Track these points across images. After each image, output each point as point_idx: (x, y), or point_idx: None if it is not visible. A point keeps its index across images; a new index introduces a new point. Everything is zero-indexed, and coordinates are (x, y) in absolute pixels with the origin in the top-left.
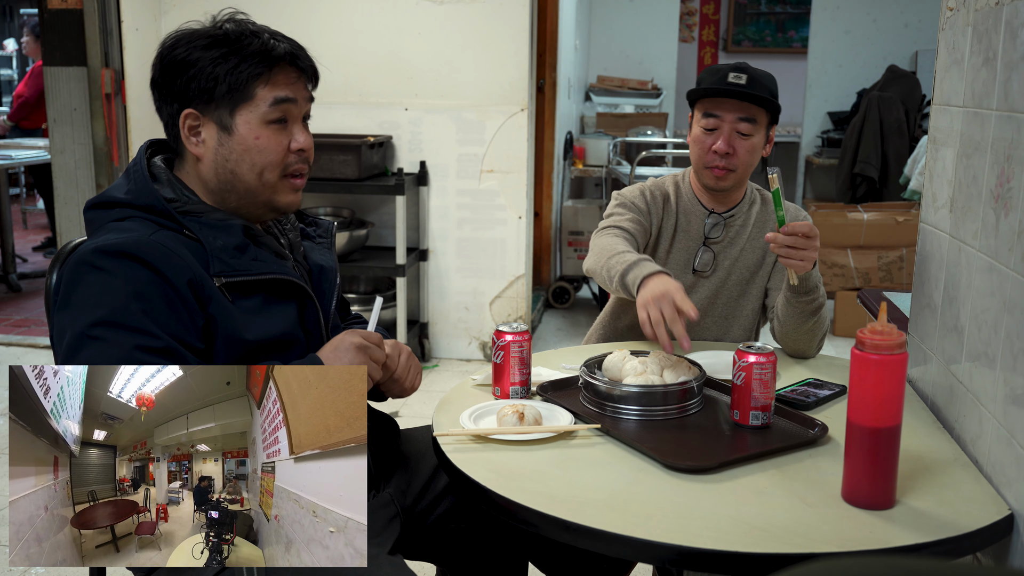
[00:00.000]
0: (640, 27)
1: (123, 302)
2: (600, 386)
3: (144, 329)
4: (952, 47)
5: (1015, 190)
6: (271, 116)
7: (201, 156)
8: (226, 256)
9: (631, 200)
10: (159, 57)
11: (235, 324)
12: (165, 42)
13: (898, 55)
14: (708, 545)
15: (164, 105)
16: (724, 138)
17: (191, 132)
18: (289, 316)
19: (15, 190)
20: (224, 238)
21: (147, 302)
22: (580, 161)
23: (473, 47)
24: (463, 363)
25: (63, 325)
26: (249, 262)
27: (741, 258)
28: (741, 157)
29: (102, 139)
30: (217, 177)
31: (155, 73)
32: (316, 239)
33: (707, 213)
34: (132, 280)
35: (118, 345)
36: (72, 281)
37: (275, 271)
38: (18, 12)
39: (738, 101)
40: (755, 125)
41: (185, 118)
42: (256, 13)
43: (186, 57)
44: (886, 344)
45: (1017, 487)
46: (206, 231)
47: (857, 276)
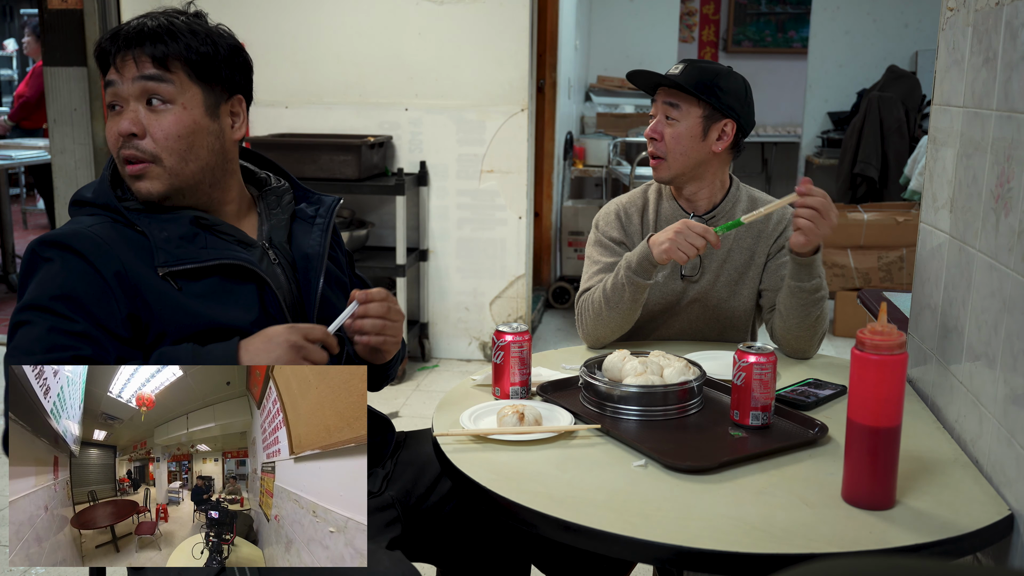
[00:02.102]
0: (640, 27)
1: (50, 288)
2: (600, 386)
3: (60, 312)
4: (952, 47)
5: (1015, 190)
6: (108, 103)
7: None
8: (170, 247)
9: (607, 235)
10: None
11: (179, 310)
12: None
13: (898, 55)
14: (708, 545)
15: None
16: (653, 124)
17: None
18: (247, 298)
19: (15, 190)
20: (169, 229)
21: (71, 289)
22: (580, 161)
23: (473, 47)
24: (463, 363)
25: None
26: (197, 250)
27: (729, 260)
28: (668, 144)
29: (102, 139)
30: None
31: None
32: (315, 219)
33: (689, 216)
34: (63, 268)
35: (37, 326)
36: (24, 270)
37: (224, 257)
38: (18, 12)
39: (666, 89)
40: (679, 111)
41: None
42: (257, 13)
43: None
44: (886, 344)
45: (1017, 487)
46: (153, 225)
47: (857, 276)
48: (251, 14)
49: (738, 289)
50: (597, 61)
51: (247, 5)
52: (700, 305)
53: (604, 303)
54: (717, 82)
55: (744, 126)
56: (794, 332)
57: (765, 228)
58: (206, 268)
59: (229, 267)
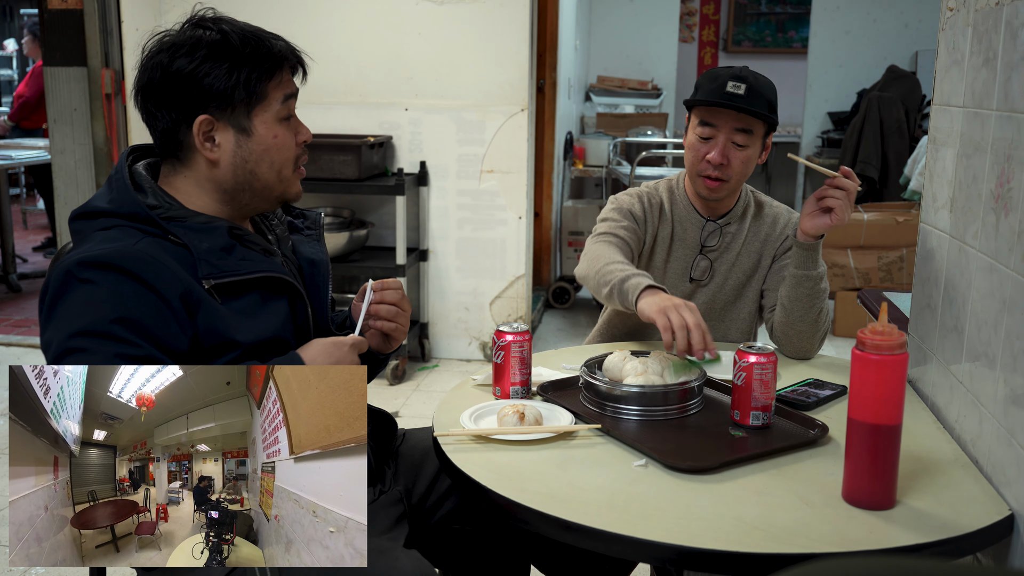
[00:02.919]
0: (640, 27)
1: (104, 313)
2: (600, 386)
3: (122, 338)
4: (952, 47)
5: (1015, 190)
6: (283, 113)
7: (217, 160)
8: (213, 258)
9: (628, 207)
10: (158, 66)
11: (226, 327)
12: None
13: (898, 55)
14: (708, 545)
15: (164, 112)
16: (719, 149)
17: (206, 138)
18: (281, 313)
19: (15, 190)
20: (209, 240)
21: (130, 312)
22: (580, 161)
23: (473, 47)
24: (463, 363)
25: (47, 338)
26: (237, 262)
27: (737, 264)
28: (735, 168)
29: (102, 139)
30: (235, 179)
31: (152, 80)
32: (304, 231)
33: (704, 221)
34: (116, 292)
35: (99, 353)
36: (57, 292)
37: (264, 269)
38: (18, 12)
39: (735, 112)
40: (751, 136)
41: (200, 125)
42: (257, 13)
43: (193, 69)
44: (887, 344)
45: (1017, 487)
46: (191, 235)
47: (857, 276)
48: (251, 15)
49: (744, 292)
50: (597, 61)
51: (247, 6)
52: (706, 308)
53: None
54: (774, 99)
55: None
56: (797, 327)
57: (772, 232)
58: (247, 282)
59: (266, 280)
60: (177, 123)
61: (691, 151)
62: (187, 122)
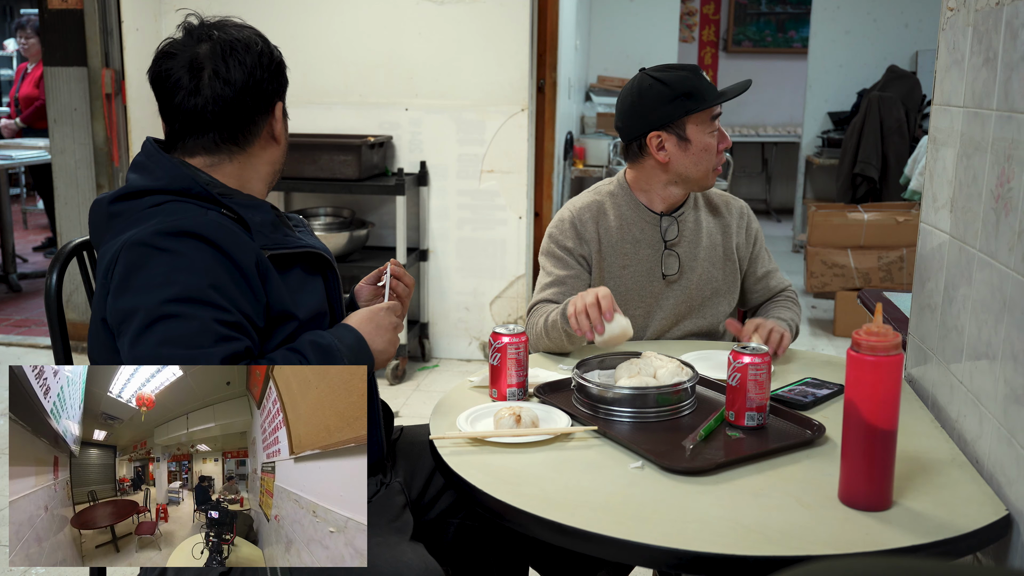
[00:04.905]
0: (640, 27)
1: (195, 279)
2: (593, 388)
3: (217, 304)
4: (952, 47)
5: (1015, 190)
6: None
7: (279, 136)
8: (267, 230)
9: (561, 244)
10: (264, 54)
11: (287, 299)
12: (255, 46)
13: (898, 55)
14: (705, 549)
15: (251, 101)
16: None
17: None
18: (320, 290)
19: (15, 190)
20: (260, 215)
21: (216, 279)
22: (580, 161)
23: (473, 47)
24: (463, 363)
25: (128, 307)
26: (283, 237)
27: (707, 257)
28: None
29: (102, 139)
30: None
31: (255, 77)
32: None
33: (658, 217)
34: (199, 259)
35: (196, 319)
36: (134, 264)
37: (307, 244)
38: (18, 12)
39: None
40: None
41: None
42: (257, 13)
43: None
44: (882, 345)
45: (1018, 487)
46: (243, 210)
47: (857, 276)
48: (251, 15)
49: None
50: (597, 61)
51: (247, 6)
52: (686, 303)
53: (545, 334)
54: None
55: None
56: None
57: (730, 223)
58: (292, 256)
59: (308, 256)
60: (257, 112)
61: (708, 152)
62: (267, 110)
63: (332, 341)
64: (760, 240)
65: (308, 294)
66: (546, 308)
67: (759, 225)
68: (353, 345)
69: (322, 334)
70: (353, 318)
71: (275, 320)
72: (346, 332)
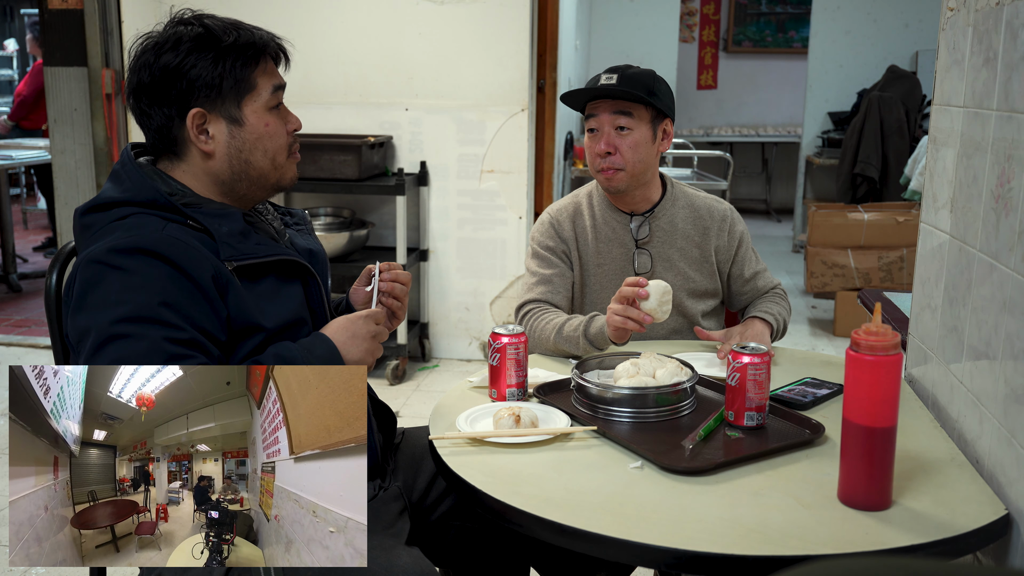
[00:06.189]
0: (640, 27)
1: (146, 297)
2: (592, 388)
3: (168, 322)
4: (952, 47)
5: (1015, 190)
6: (272, 102)
7: (212, 152)
8: (233, 241)
9: (542, 243)
10: (145, 66)
11: (252, 311)
12: (142, 51)
13: (898, 55)
14: (705, 548)
15: (156, 110)
16: (604, 139)
17: (199, 131)
18: (297, 297)
19: (15, 190)
20: (228, 225)
21: (169, 296)
22: (580, 161)
23: (473, 47)
24: (463, 363)
25: (83, 326)
26: (254, 246)
27: (682, 258)
28: (625, 154)
29: (102, 139)
30: (231, 169)
31: (142, 81)
32: (294, 227)
33: (628, 217)
34: (152, 276)
35: (146, 338)
36: (89, 281)
37: (280, 252)
38: (18, 12)
39: (611, 100)
40: (632, 119)
41: (193, 118)
42: (257, 13)
43: (179, 63)
44: (881, 345)
45: (1018, 487)
46: (210, 220)
47: (857, 276)
48: (251, 15)
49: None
50: (597, 61)
51: (247, 6)
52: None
53: (555, 339)
54: (654, 85)
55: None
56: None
57: (710, 226)
58: (264, 265)
59: (283, 264)
60: (170, 119)
61: (587, 153)
62: (180, 117)
63: (298, 354)
64: (745, 242)
65: (282, 303)
66: (541, 311)
67: (745, 228)
68: (324, 356)
69: (289, 346)
70: (330, 327)
71: (239, 333)
72: (319, 343)
